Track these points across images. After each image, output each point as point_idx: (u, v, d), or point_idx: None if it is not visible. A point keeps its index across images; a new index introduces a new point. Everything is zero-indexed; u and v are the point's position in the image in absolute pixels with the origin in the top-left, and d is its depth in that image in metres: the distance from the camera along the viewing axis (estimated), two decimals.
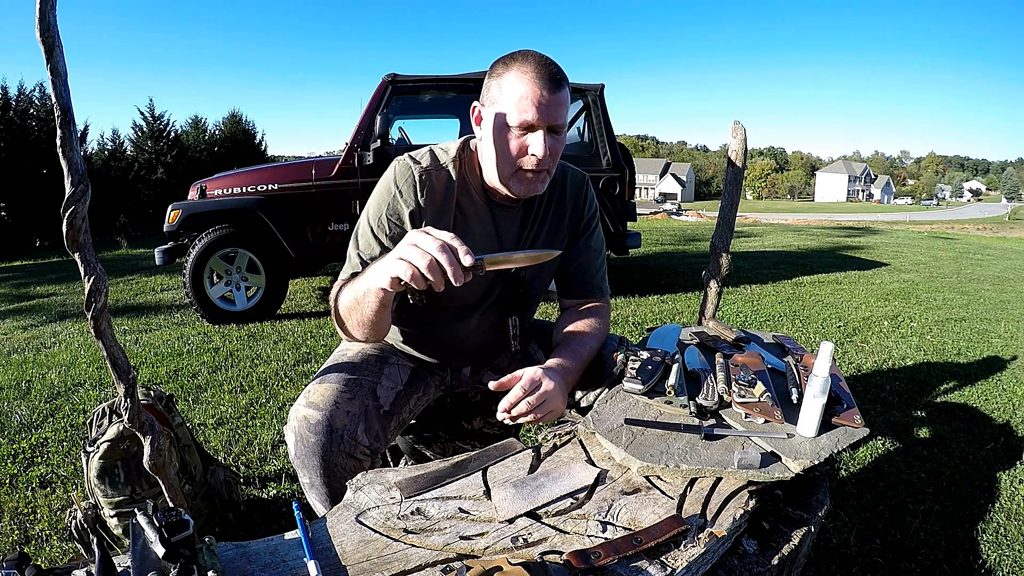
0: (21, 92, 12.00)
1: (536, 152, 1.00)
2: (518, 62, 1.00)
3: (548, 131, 1.00)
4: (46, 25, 0.83)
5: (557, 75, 0.99)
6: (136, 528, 0.67)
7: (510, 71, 1.00)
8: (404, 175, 1.08)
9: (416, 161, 1.09)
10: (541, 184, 1.06)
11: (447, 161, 1.11)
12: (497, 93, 1.01)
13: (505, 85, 1.00)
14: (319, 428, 1.03)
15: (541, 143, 0.99)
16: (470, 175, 1.12)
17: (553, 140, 1.01)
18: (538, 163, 1.02)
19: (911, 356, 3.02)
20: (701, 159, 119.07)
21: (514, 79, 0.99)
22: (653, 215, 25.76)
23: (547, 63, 1.00)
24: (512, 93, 0.99)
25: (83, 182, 0.90)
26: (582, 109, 4.16)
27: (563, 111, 1.01)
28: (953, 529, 1.57)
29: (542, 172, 1.05)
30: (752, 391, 0.99)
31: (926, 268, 6.07)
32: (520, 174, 1.04)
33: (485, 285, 1.17)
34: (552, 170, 1.08)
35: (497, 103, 1.01)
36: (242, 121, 16.92)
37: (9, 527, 1.59)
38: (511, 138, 1.01)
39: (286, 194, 3.85)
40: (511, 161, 1.03)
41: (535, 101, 0.97)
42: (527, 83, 0.97)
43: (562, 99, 1.00)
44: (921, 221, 32.77)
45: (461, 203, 1.11)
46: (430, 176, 1.08)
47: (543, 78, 0.97)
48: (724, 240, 1.57)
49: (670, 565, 0.67)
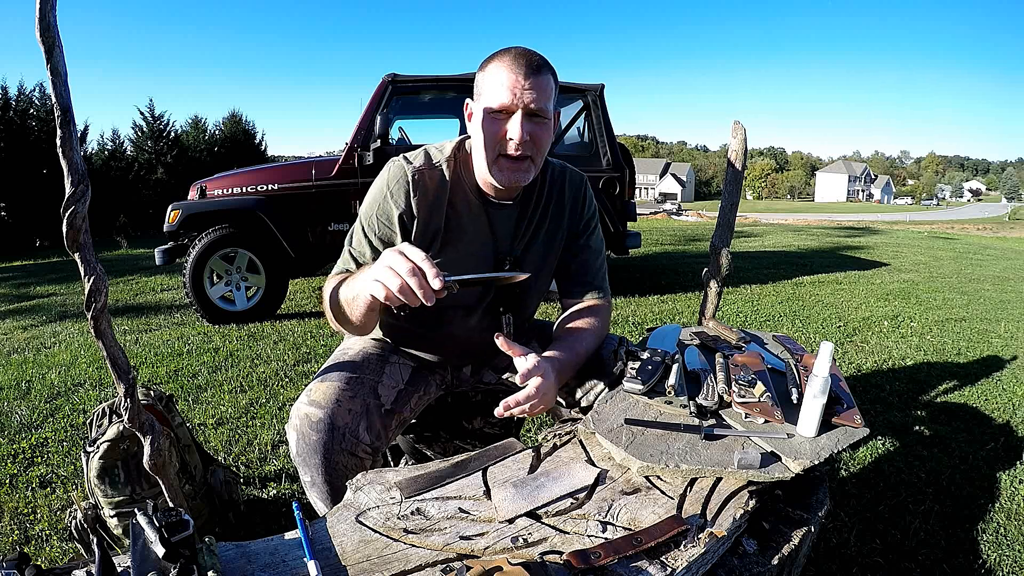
0: (21, 92, 12.02)
1: (512, 135, 1.01)
2: (499, 54, 1.04)
3: (528, 116, 1.01)
4: (46, 25, 0.83)
5: (535, 62, 1.01)
6: (136, 528, 0.67)
7: (492, 63, 1.03)
8: (396, 176, 1.09)
9: (409, 161, 1.10)
10: (524, 174, 1.06)
11: (441, 160, 1.11)
12: (481, 86, 1.05)
13: (487, 76, 1.03)
14: (321, 426, 1.03)
15: (518, 126, 1.00)
16: (465, 174, 1.13)
17: (533, 126, 1.02)
18: (516, 147, 1.02)
19: (911, 356, 3.02)
20: (701, 159, 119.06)
21: (494, 69, 1.02)
22: (653, 215, 25.77)
23: (525, 52, 1.02)
24: (492, 82, 1.02)
25: (83, 182, 0.90)
26: (582, 109, 4.16)
27: (543, 97, 1.01)
28: (953, 529, 1.57)
29: (524, 160, 1.04)
30: (752, 391, 0.99)
31: (926, 268, 6.07)
32: (501, 161, 1.05)
33: (480, 291, 1.17)
34: (536, 160, 1.07)
35: (481, 95, 1.04)
36: (242, 121, 16.93)
37: (9, 527, 1.59)
38: (491, 124, 1.03)
39: (286, 194, 3.85)
40: (493, 148, 1.04)
41: (511, 85, 0.99)
42: (504, 70, 1.01)
43: (541, 84, 1.01)
44: (921, 221, 32.77)
45: (454, 202, 1.11)
46: (423, 176, 1.09)
47: (519, 64, 1.00)
48: (724, 240, 1.57)
49: (670, 565, 0.67)
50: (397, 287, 0.82)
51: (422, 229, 1.09)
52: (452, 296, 1.15)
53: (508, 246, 1.16)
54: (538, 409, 0.97)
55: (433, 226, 1.10)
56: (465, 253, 1.13)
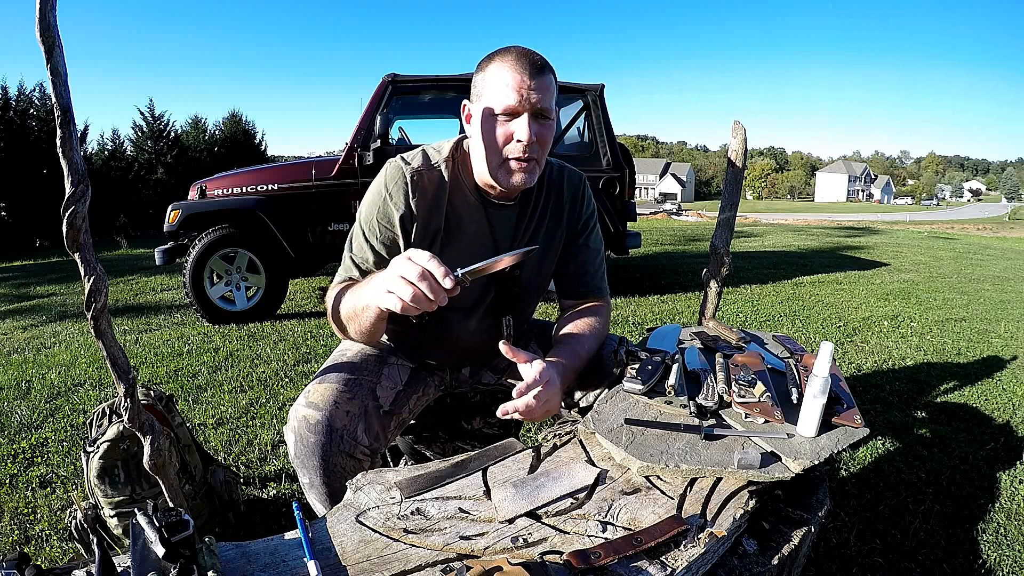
0: (21, 92, 12.01)
1: (521, 137, 1.00)
2: (499, 54, 1.02)
3: (533, 117, 1.00)
4: (46, 25, 0.83)
5: (538, 62, 1.00)
6: (136, 528, 0.67)
7: (492, 63, 1.02)
8: (395, 178, 1.08)
9: (407, 162, 1.09)
10: (530, 175, 1.05)
11: (439, 161, 1.10)
12: (482, 87, 1.03)
13: (488, 77, 1.01)
14: (319, 428, 1.03)
15: (526, 128, 0.99)
16: (463, 174, 1.12)
17: (539, 126, 1.01)
18: (524, 149, 1.01)
19: (911, 356, 3.02)
20: (701, 159, 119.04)
21: (496, 69, 1.00)
22: (653, 215, 25.77)
23: (527, 52, 1.01)
24: (494, 83, 1.00)
25: (83, 182, 0.90)
26: (582, 109, 4.16)
27: (547, 97, 1.00)
28: (953, 529, 1.57)
29: (530, 161, 1.03)
30: (752, 391, 0.99)
31: (926, 268, 6.07)
32: (507, 164, 1.03)
33: (479, 288, 1.17)
34: (541, 161, 1.06)
35: (482, 97, 1.02)
36: (242, 121, 16.92)
37: (9, 527, 1.59)
38: (496, 127, 1.01)
39: (286, 194, 3.85)
40: (498, 151, 1.03)
41: (516, 86, 0.98)
42: (507, 70, 0.99)
43: (545, 84, 1.00)
44: (921, 221, 32.76)
45: (454, 203, 1.11)
46: (421, 176, 1.08)
47: (523, 64, 0.98)
48: (724, 240, 1.57)
49: (670, 565, 0.67)
50: (411, 296, 0.83)
51: (422, 230, 1.09)
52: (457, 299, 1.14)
53: (508, 246, 1.16)
54: (539, 416, 0.97)
55: (433, 227, 1.09)
56: (465, 254, 1.12)
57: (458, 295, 1.14)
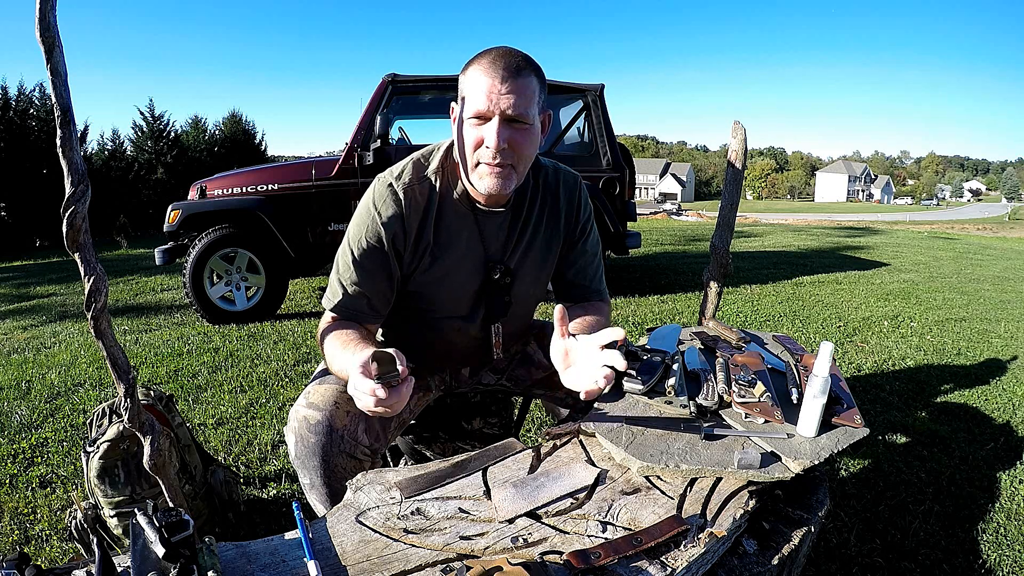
0: (21, 92, 11.99)
1: (489, 143, 0.96)
2: (479, 56, 0.99)
3: (506, 122, 0.96)
4: (46, 25, 0.84)
5: (515, 64, 0.96)
6: (136, 528, 0.67)
7: (471, 66, 0.99)
8: (383, 196, 1.05)
9: (397, 177, 1.07)
10: (504, 181, 1.00)
11: (429, 172, 1.08)
12: (462, 89, 1.01)
13: (466, 80, 0.99)
14: (319, 428, 1.03)
15: (494, 133, 0.95)
16: (453, 182, 1.09)
17: (512, 132, 0.97)
18: (493, 155, 0.97)
19: (911, 356, 3.02)
20: (701, 159, 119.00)
21: (472, 72, 0.98)
22: (653, 215, 25.77)
23: (506, 53, 0.97)
24: (470, 86, 0.98)
25: (83, 182, 0.90)
26: (582, 109, 4.16)
27: (523, 101, 0.96)
28: (953, 529, 1.57)
29: (504, 167, 0.99)
30: (752, 391, 0.99)
31: (926, 268, 6.07)
32: (480, 168, 1.00)
33: (470, 301, 1.15)
34: (518, 166, 1.02)
35: (462, 99, 1.00)
36: (242, 121, 16.91)
37: (9, 527, 1.59)
38: (469, 130, 0.99)
39: (286, 194, 3.85)
40: (471, 155, 1.00)
41: (487, 90, 0.94)
42: (481, 73, 0.96)
43: (520, 88, 0.95)
44: (921, 221, 32.77)
45: (443, 212, 1.08)
46: (412, 191, 1.05)
47: (497, 67, 0.95)
48: (724, 240, 1.57)
49: (670, 565, 0.67)
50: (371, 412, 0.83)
51: (413, 245, 1.07)
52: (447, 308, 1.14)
53: (499, 254, 1.13)
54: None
55: (424, 240, 1.07)
56: (454, 263, 1.10)
57: (451, 307, 1.13)
